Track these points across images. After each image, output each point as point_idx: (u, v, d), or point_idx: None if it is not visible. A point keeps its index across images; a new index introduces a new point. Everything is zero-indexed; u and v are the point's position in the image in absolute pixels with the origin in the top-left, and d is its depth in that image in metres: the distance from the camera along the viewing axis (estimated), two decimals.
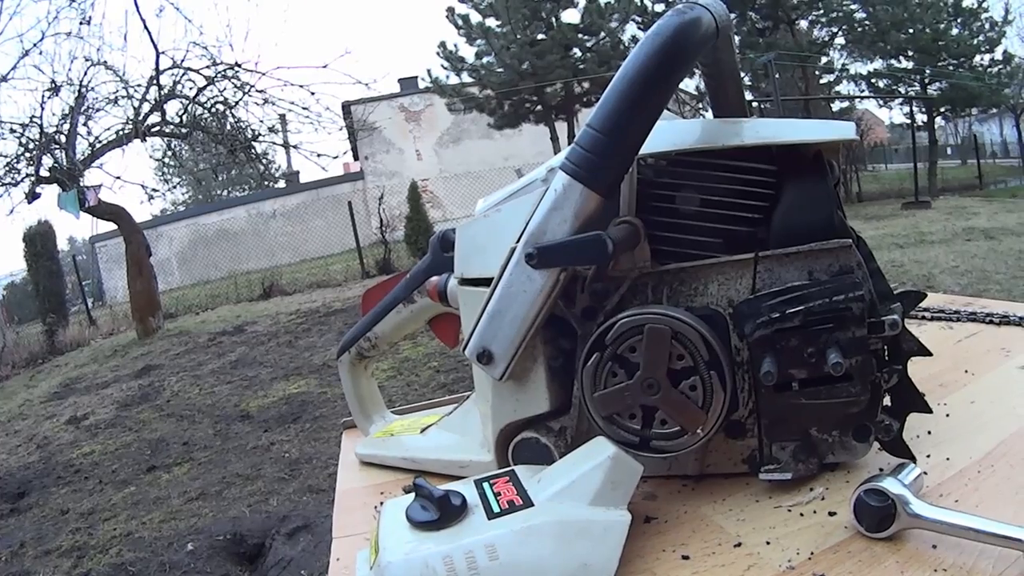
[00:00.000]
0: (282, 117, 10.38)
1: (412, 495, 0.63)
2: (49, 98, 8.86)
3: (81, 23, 8.91)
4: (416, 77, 21.06)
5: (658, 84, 0.63)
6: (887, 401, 0.69)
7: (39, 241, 12.07)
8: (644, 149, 0.65)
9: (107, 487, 3.86)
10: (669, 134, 0.71)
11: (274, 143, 10.99)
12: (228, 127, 10.06)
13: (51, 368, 9.13)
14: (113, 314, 12.55)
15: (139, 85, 9.35)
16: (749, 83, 16.58)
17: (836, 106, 19.34)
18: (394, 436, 0.99)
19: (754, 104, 14.49)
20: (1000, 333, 1.09)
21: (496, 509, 0.62)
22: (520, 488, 0.65)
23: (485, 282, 0.73)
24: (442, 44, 15.53)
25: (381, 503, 0.70)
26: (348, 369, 1.04)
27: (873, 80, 17.74)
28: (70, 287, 15.15)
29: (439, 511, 0.61)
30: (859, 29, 16.67)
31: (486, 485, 0.66)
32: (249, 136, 10.20)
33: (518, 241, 0.69)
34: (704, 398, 0.65)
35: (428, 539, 0.60)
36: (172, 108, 9.67)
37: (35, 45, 8.80)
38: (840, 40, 17.60)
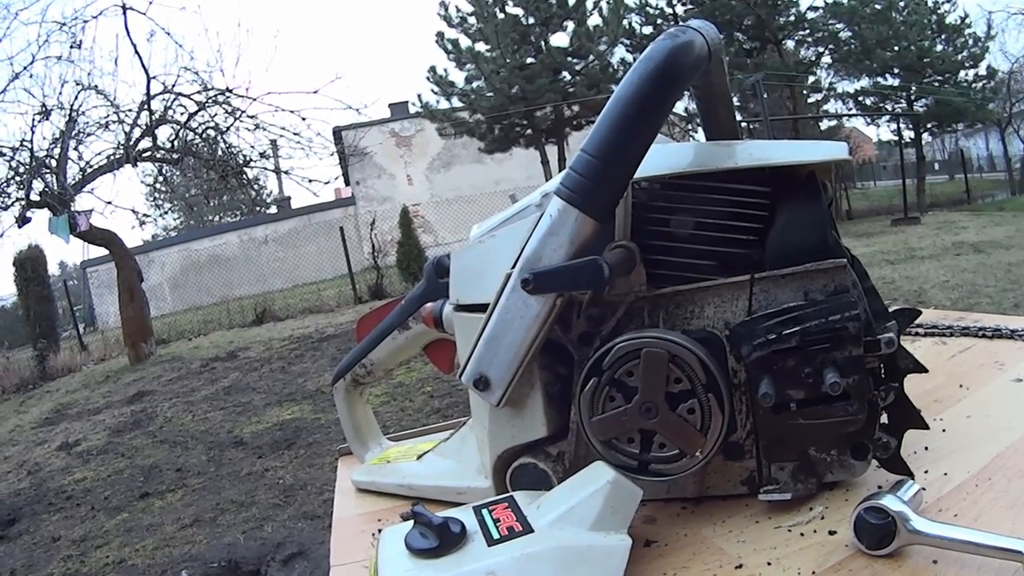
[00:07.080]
0: (273, 143, 10.42)
1: (410, 522, 0.63)
2: (40, 122, 8.86)
3: (72, 47, 8.90)
4: (407, 102, 21.11)
5: (652, 108, 0.63)
6: (884, 419, 0.69)
7: (29, 266, 12.03)
8: (638, 173, 0.65)
9: (99, 514, 3.83)
10: (663, 158, 0.72)
11: (265, 168, 11.04)
12: (219, 152, 10.09)
13: (42, 394, 9.06)
14: (105, 339, 12.48)
15: (130, 110, 9.36)
16: (738, 103, 16.68)
17: (824, 124, 19.50)
18: (390, 463, 0.99)
19: (743, 124, 14.55)
20: (993, 347, 1.09)
21: (496, 536, 0.62)
22: (519, 514, 0.64)
23: (481, 308, 0.73)
24: (432, 69, 15.54)
25: (379, 531, 0.70)
26: (344, 396, 1.04)
27: (860, 98, 17.88)
28: (61, 312, 15.09)
29: (439, 538, 0.60)
30: (845, 48, 16.81)
31: (485, 512, 0.66)
32: (240, 161, 10.20)
33: (514, 267, 0.69)
34: (702, 421, 0.65)
35: (428, 567, 0.59)
36: (163, 133, 9.69)
37: (25, 68, 8.78)
38: (827, 59, 17.78)
